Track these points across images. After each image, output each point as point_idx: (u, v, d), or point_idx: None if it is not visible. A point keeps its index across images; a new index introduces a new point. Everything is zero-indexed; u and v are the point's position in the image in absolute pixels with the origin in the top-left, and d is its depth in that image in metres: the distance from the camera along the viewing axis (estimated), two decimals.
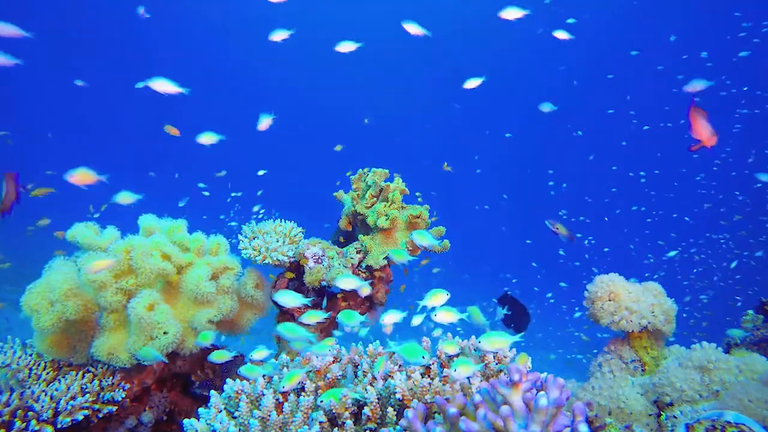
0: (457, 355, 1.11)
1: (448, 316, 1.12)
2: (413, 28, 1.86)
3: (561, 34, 2.30)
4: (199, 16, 14.45)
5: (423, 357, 0.95)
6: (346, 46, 1.94)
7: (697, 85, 1.94)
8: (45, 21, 13.40)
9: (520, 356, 1.09)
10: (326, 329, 1.73)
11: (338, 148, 4.01)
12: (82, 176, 1.32)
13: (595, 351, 1.57)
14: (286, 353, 1.66)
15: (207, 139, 1.70)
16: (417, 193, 1.97)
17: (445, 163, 2.75)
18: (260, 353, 1.23)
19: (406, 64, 15.29)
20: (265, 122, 1.68)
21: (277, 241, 1.64)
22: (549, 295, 6.80)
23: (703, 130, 1.54)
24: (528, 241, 10.43)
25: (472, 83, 2.11)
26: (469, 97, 15.69)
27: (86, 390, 1.30)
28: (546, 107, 2.44)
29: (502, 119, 14.40)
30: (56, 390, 1.26)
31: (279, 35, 1.83)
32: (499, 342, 0.99)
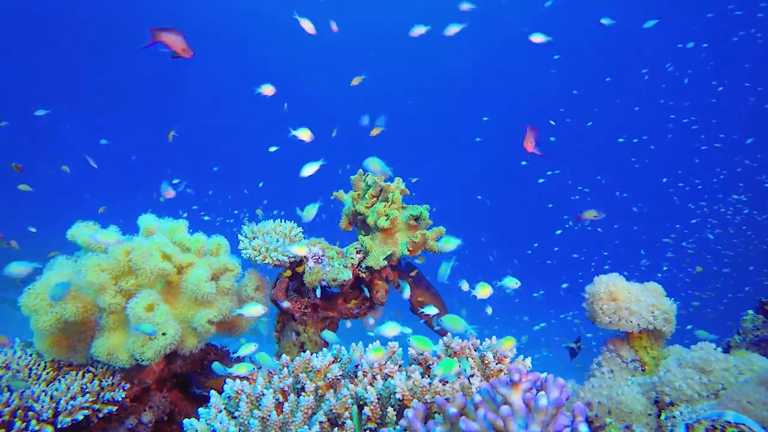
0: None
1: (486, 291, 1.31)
2: (308, 25, 1.87)
3: (537, 38, 2.27)
4: (218, 12, 14.46)
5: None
6: None
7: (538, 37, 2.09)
8: (53, 18, 13.43)
9: (506, 339, 1.13)
10: (324, 329, 1.73)
11: (334, 133, 3.98)
12: None
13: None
14: (285, 353, 1.66)
15: (304, 135, 1.66)
16: (415, 196, 1.96)
17: (369, 119, 2.64)
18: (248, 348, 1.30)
19: (405, 63, 15.29)
20: (309, 169, 1.64)
21: (277, 241, 1.64)
22: (538, 294, 6.83)
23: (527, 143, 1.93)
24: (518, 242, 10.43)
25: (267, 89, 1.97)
26: (465, 93, 15.70)
27: (86, 390, 1.30)
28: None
29: (497, 115, 14.43)
30: (56, 390, 1.26)
31: (267, 90, 1.78)
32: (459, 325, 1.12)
